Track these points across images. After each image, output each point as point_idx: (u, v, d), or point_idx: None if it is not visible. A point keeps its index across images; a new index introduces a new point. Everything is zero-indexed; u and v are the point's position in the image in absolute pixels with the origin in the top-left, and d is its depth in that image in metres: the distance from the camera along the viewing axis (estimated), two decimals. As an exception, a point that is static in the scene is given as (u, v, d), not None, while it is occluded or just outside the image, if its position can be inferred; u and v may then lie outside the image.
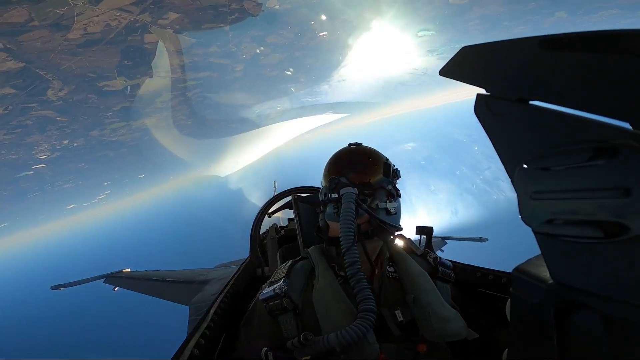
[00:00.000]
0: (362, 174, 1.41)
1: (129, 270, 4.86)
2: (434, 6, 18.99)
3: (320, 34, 19.76)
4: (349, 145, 1.58)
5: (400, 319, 1.23)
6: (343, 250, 1.22)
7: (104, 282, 4.81)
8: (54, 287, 4.79)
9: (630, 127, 0.41)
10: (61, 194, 42.31)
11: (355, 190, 1.33)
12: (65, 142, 25.21)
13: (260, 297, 1.32)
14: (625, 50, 0.41)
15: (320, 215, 1.52)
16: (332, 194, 1.37)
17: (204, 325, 1.49)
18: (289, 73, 26.02)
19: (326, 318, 1.19)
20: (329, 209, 1.40)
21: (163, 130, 29.15)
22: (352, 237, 1.22)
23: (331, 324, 1.17)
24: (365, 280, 1.19)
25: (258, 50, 20.27)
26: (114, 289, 4.71)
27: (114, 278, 4.76)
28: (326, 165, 1.54)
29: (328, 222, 1.44)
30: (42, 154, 26.07)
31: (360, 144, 1.58)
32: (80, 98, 18.31)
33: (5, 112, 16.75)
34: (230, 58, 20.29)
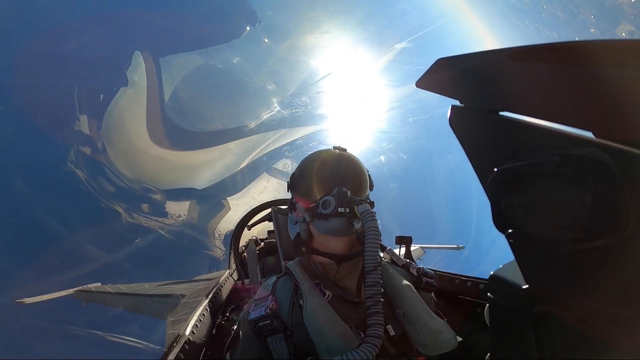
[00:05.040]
0: (358, 187, 1.34)
1: (99, 284, 4.64)
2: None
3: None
4: (334, 149, 1.47)
5: (392, 333, 1.23)
6: (368, 269, 1.17)
7: (74, 296, 4.57)
8: (18, 301, 4.47)
9: (593, 136, 0.43)
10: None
11: (373, 208, 1.26)
12: None
13: (249, 318, 1.27)
14: (585, 61, 0.42)
15: (301, 224, 1.41)
16: (344, 208, 1.25)
17: (183, 339, 1.45)
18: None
19: (321, 341, 1.16)
20: (334, 223, 1.28)
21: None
22: (379, 259, 1.19)
23: (327, 346, 1.15)
24: (381, 305, 1.15)
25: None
26: (83, 304, 4.48)
27: (84, 292, 4.54)
28: (313, 169, 1.41)
29: (326, 235, 1.33)
30: None
31: (345, 150, 1.48)
32: None
33: None
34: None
